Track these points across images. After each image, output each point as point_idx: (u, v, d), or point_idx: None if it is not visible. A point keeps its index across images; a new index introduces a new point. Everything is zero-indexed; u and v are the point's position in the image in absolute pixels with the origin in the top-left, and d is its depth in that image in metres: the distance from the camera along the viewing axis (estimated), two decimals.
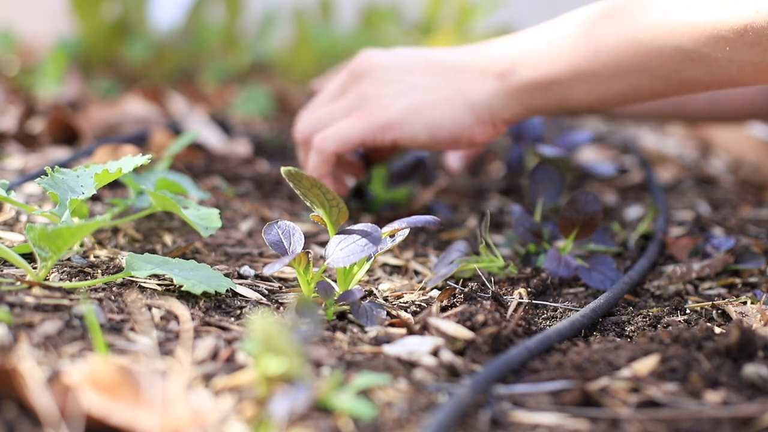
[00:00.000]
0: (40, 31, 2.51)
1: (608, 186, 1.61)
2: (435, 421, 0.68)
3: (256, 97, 2.05)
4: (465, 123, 1.13)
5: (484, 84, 1.13)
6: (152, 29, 2.37)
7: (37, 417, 0.65)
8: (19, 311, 0.81)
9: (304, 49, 2.51)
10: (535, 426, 0.73)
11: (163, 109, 1.86)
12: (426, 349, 0.84)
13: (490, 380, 0.77)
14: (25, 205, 0.99)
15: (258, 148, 1.73)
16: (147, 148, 1.48)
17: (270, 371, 0.67)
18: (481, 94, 1.13)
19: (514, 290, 1.03)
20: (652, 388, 0.77)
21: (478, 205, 1.45)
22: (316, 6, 2.89)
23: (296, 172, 0.91)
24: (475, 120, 1.14)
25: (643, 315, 0.99)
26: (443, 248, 1.22)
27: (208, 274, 0.94)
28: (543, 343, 0.87)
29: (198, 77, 2.39)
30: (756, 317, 0.94)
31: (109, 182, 0.97)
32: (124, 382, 0.66)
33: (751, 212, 1.43)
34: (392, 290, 1.05)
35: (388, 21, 2.99)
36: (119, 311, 0.86)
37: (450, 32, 2.86)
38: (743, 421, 0.73)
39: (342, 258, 0.91)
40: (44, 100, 1.90)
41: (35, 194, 1.23)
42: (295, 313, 0.77)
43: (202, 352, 0.79)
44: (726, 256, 1.11)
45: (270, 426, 0.66)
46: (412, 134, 1.15)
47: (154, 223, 1.17)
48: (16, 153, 1.47)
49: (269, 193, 1.43)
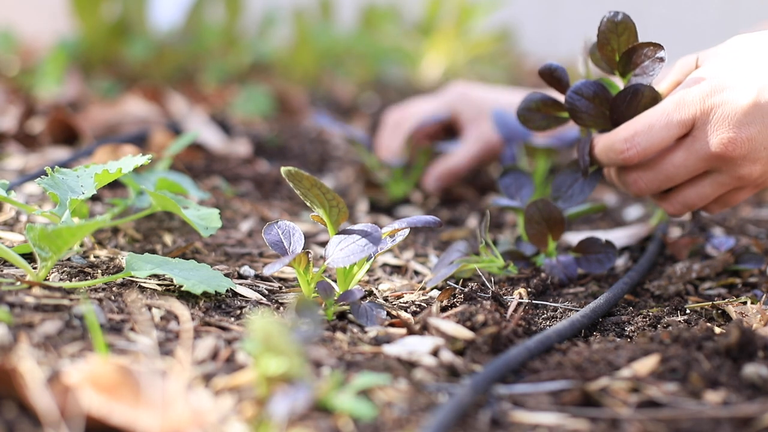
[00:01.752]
0: (40, 31, 2.51)
1: (608, 186, 1.61)
2: (435, 421, 0.68)
3: (256, 97, 2.06)
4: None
5: None
6: (152, 29, 2.37)
7: (37, 417, 0.65)
8: (19, 311, 0.81)
9: (304, 49, 2.52)
10: (535, 426, 0.73)
11: (163, 109, 1.86)
12: (426, 349, 0.84)
13: (490, 380, 0.77)
14: (25, 205, 0.99)
15: (258, 148, 1.73)
16: (147, 148, 1.48)
17: (270, 371, 0.67)
18: None
19: (514, 290, 1.03)
20: (652, 388, 0.77)
21: (478, 204, 1.45)
22: (316, 6, 2.89)
23: (296, 172, 0.91)
24: None
25: (643, 315, 0.99)
26: (443, 248, 1.23)
27: (208, 274, 0.94)
28: (543, 343, 0.87)
29: (198, 77, 2.39)
30: (756, 317, 0.94)
31: (109, 182, 0.97)
32: (124, 382, 0.66)
33: (751, 212, 1.43)
34: (392, 290, 1.05)
35: (387, 21, 3.00)
36: (119, 311, 0.86)
37: (450, 32, 2.86)
38: (743, 421, 0.73)
39: (342, 258, 0.91)
40: (44, 100, 1.90)
41: (35, 194, 1.23)
42: (295, 313, 0.77)
43: (202, 352, 0.79)
44: (726, 256, 1.11)
45: (270, 426, 0.66)
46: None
47: (154, 223, 1.17)
48: (16, 153, 1.47)
49: (269, 193, 1.43)
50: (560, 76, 1.06)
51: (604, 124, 1.05)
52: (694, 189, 1.03)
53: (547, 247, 1.10)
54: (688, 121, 0.98)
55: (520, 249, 1.12)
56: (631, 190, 1.05)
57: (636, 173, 1.04)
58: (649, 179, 1.03)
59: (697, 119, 0.97)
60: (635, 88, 1.02)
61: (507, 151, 1.40)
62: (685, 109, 0.98)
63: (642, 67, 1.02)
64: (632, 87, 1.02)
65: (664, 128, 0.98)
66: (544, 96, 1.09)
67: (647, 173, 1.03)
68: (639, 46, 1.01)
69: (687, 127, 0.98)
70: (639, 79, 1.03)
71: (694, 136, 0.98)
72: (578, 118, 1.05)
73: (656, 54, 1.01)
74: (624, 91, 1.02)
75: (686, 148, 0.99)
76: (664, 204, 1.07)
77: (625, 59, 1.02)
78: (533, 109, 1.09)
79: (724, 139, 0.96)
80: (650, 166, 1.02)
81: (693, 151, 0.99)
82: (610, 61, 1.04)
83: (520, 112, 1.10)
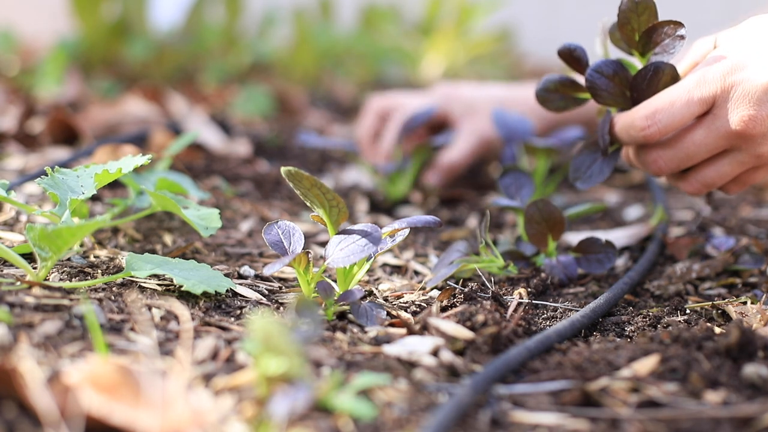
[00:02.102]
0: (40, 31, 2.51)
1: (608, 186, 1.61)
2: (435, 421, 0.68)
3: (256, 97, 2.06)
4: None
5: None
6: (152, 29, 2.37)
7: (37, 417, 0.65)
8: (19, 311, 0.81)
9: (304, 49, 2.52)
10: (535, 426, 0.73)
11: (163, 109, 1.86)
12: (426, 349, 0.84)
13: (490, 380, 0.77)
14: (25, 205, 0.99)
15: (258, 148, 1.74)
16: (147, 148, 1.48)
17: (270, 371, 0.67)
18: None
19: (514, 290, 1.03)
20: (652, 388, 0.77)
21: (478, 204, 1.45)
22: (316, 6, 2.89)
23: (296, 172, 0.91)
24: None
25: (643, 315, 0.99)
26: (443, 248, 1.23)
27: (208, 274, 0.94)
28: (543, 343, 0.87)
29: (198, 77, 2.39)
30: (756, 317, 0.94)
31: (109, 182, 0.97)
32: (124, 382, 0.66)
33: (751, 212, 1.43)
34: (392, 290, 1.05)
35: (388, 21, 3.00)
36: (119, 311, 0.86)
37: (450, 32, 2.86)
38: (743, 421, 0.73)
39: (342, 258, 0.91)
40: (44, 100, 1.90)
41: (35, 194, 1.23)
42: (295, 313, 0.77)
43: (202, 352, 0.79)
44: (726, 256, 1.11)
45: (270, 426, 0.66)
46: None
47: (154, 223, 1.17)
48: (16, 153, 1.47)
49: (269, 193, 1.43)
50: (579, 56, 1.06)
51: (624, 103, 1.05)
52: (713, 168, 1.03)
53: (547, 247, 1.10)
54: (709, 98, 0.98)
55: (520, 249, 1.12)
56: (650, 169, 1.05)
57: (656, 152, 1.03)
58: (669, 158, 1.03)
59: (717, 97, 0.97)
60: (656, 65, 1.01)
61: (507, 151, 1.40)
62: (706, 87, 0.98)
63: (662, 45, 1.02)
64: (653, 65, 1.01)
65: (685, 106, 0.98)
66: (563, 77, 1.09)
67: (667, 152, 1.02)
68: (659, 25, 1.01)
69: (708, 104, 0.98)
70: (659, 57, 1.02)
71: (715, 114, 0.98)
72: (598, 97, 1.05)
73: (677, 32, 1.01)
74: (645, 68, 1.02)
75: (706, 126, 0.99)
76: (682, 183, 1.06)
77: (645, 38, 1.02)
78: (551, 89, 1.09)
79: (745, 116, 0.96)
80: (670, 145, 1.02)
81: (713, 129, 0.99)
82: (630, 41, 1.04)
83: (538, 92, 1.10)
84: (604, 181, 1.15)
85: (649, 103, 1.01)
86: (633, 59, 1.06)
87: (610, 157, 1.08)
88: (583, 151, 1.10)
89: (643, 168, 1.06)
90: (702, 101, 0.98)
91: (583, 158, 1.09)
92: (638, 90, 1.03)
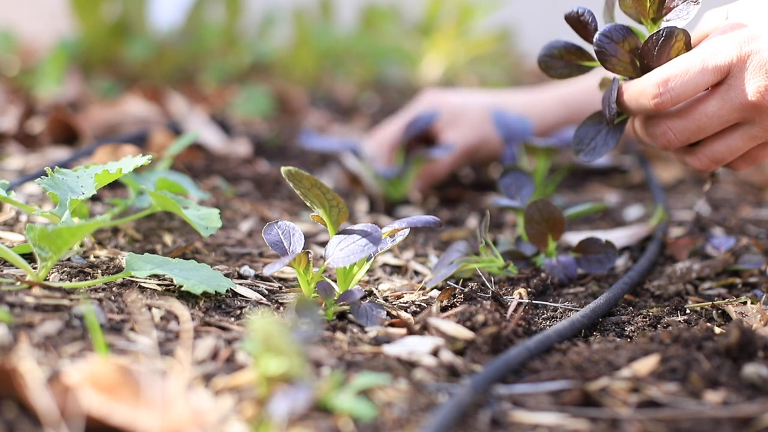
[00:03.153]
0: (40, 31, 2.51)
1: (608, 186, 1.61)
2: (435, 421, 0.68)
3: (256, 97, 2.06)
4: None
5: None
6: (152, 29, 2.37)
7: (37, 417, 0.65)
8: (19, 311, 0.81)
9: (304, 49, 2.52)
10: (535, 426, 0.73)
11: (163, 109, 1.86)
12: (426, 349, 0.84)
13: (490, 380, 0.77)
14: (25, 205, 0.99)
15: (258, 148, 1.73)
16: (147, 148, 1.48)
17: (270, 371, 0.67)
18: None
19: (514, 290, 1.03)
20: (652, 388, 0.77)
21: (478, 204, 1.45)
22: (316, 6, 2.89)
23: (296, 172, 0.91)
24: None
25: (643, 315, 0.99)
26: (443, 248, 1.23)
27: (208, 274, 0.94)
28: (543, 343, 0.87)
29: (198, 77, 2.39)
30: (756, 317, 0.94)
31: (109, 182, 0.97)
32: (124, 382, 0.66)
33: (751, 212, 1.43)
34: (392, 290, 1.05)
35: (388, 21, 3.00)
36: (119, 311, 0.86)
37: (450, 32, 2.86)
38: (743, 421, 0.73)
39: (342, 258, 0.91)
40: (44, 100, 1.90)
41: (35, 194, 1.23)
42: (295, 313, 0.77)
43: (202, 352, 0.79)
44: (726, 256, 1.11)
45: (270, 426, 0.66)
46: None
47: (154, 223, 1.17)
48: (16, 153, 1.47)
49: (269, 193, 1.43)
50: (587, 21, 1.02)
51: (633, 71, 1.01)
52: (723, 141, 1.00)
53: (547, 247, 1.10)
54: (724, 67, 0.95)
55: (520, 249, 1.12)
56: (659, 142, 1.01)
57: (665, 123, 1.00)
58: (679, 130, 0.99)
59: (733, 66, 0.95)
60: (668, 30, 0.97)
61: (507, 151, 1.40)
62: (722, 56, 0.95)
63: (675, 11, 0.99)
64: (665, 29, 0.97)
65: (700, 74, 0.95)
66: (568, 43, 1.05)
67: (677, 123, 0.99)
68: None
69: (722, 74, 0.95)
70: (672, 23, 0.98)
71: (729, 84, 0.96)
72: (606, 63, 1.01)
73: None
74: (656, 33, 0.98)
75: (720, 96, 0.96)
76: (690, 158, 1.03)
77: (657, 3, 0.99)
78: (556, 56, 1.05)
79: (761, 87, 0.93)
80: (680, 116, 0.99)
81: (727, 100, 0.96)
82: (641, 7, 1.00)
83: (541, 59, 1.06)
84: (604, 180, 1.12)
85: (661, 70, 0.97)
86: (642, 28, 1.02)
87: (615, 129, 1.03)
88: (587, 122, 1.05)
89: (651, 141, 1.02)
90: (717, 70, 0.95)
91: (586, 129, 1.05)
92: (648, 57, 0.99)
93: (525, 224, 1.09)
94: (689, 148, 1.03)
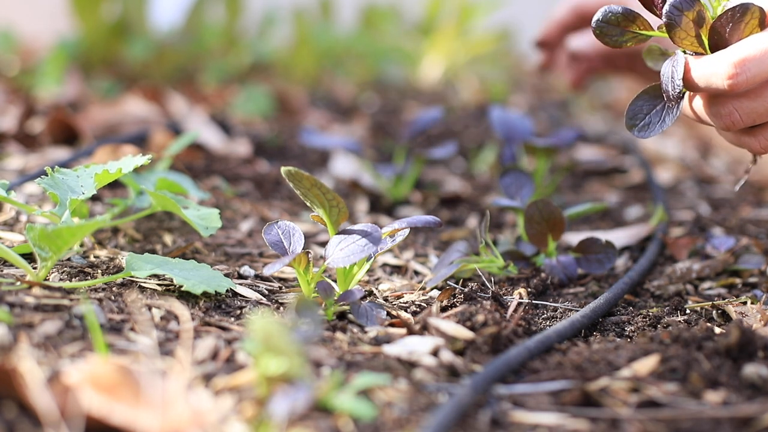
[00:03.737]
0: (40, 31, 2.51)
1: (608, 186, 1.61)
2: (435, 421, 0.68)
3: (256, 97, 2.05)
4: None
5: None
6: (152, 29, 2.37)
7: (37, 417, 0.65)
8: (19, 311, 0.81)
9: (304, 49, 2.52)
10: (535, 426, 0.73)
11: (163, 109, 1.86)
12: (426, 349, 0.84)
13: (490, 380, 0.77)
14: (25, 205, 0.99)
15: (258, 148, 1.73)
16: (147, 148, 1.48)
17: (270, 371, 0.67)
18: None
19: (514, 290, 1.03)
20: (652, 388, 0.77)
21: (478, 204, 1.45)
22: (316, 6, 2.89)
23: (296, 172, 0.91)
24: None
25: (643, 315, 0.99)
26: (443, 248, 1.23)
27: (208, 274, 0.94)
28: (543, 343, 0.87)
29: (198, 77, 2.39)
30: (756, 317, 0.94)
31: (109, 182, 0.97)
32: (124, 382, 0.66)
33: (751, 212, 1.42)
34: (392, 290, 1.05)
35: (388, 21, 3.00)
36: (119, 311, 0.86)
37: (450, 32, 2.86)
38: (743, 421, 0.73)
39: (342, 258, 0.91)
40: (44, 100, 1.90)
41: (35, 194, 1.23)
42: (295, 313, 0.77)
43: (202, 352, 0.79)
44: (726, 256, 1.11)
45: (270, 426, 0.66)
46: None
47: (154, 223, 1.17)
48: (16, 153, 1.47)
49: (269, 193, 1.43)
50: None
51: (699, 46, 0.96)
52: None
53: (547, 247, 1.10)
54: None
55: (520, 249, 1.12)
56: (723, 121, 0.97)
57: (732, 103, 0.96)
58: (747, 111, 0.95)
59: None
60: (744, 6, 0.93)
61: (507, 151, 1.40)
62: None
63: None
64: (741, 6, 0.93)
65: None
66: (627, 9, 0.99)
67: (745, 104, 0.95)
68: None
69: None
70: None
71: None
72: (674, 36, 0.95)
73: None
74: (732, 9, 0.93)
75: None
76: (749, 139, 0.99)
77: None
78: (612, 22, 0.99)
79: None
80: (750, 96, 0.95)
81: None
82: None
83: (596, 24, 0.99)
84: (604, 180, 1.10)
85: (737, 49, 0.92)
86: (705, 1, 0.97)
87: (673, 105, 0.98)
88: (642, 96, 0.99)
89: (713, 119, 0.98)
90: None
91: (641, 104, 0.99)
92: (719, 34, 0.94)
93: (525, 224, 1.09)
94: (749, 129, 0.99)
